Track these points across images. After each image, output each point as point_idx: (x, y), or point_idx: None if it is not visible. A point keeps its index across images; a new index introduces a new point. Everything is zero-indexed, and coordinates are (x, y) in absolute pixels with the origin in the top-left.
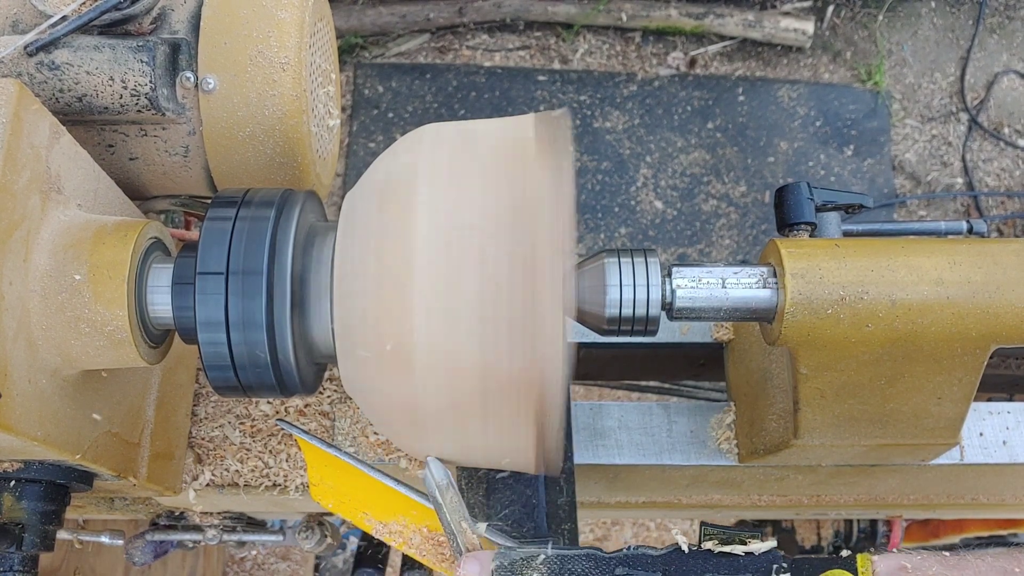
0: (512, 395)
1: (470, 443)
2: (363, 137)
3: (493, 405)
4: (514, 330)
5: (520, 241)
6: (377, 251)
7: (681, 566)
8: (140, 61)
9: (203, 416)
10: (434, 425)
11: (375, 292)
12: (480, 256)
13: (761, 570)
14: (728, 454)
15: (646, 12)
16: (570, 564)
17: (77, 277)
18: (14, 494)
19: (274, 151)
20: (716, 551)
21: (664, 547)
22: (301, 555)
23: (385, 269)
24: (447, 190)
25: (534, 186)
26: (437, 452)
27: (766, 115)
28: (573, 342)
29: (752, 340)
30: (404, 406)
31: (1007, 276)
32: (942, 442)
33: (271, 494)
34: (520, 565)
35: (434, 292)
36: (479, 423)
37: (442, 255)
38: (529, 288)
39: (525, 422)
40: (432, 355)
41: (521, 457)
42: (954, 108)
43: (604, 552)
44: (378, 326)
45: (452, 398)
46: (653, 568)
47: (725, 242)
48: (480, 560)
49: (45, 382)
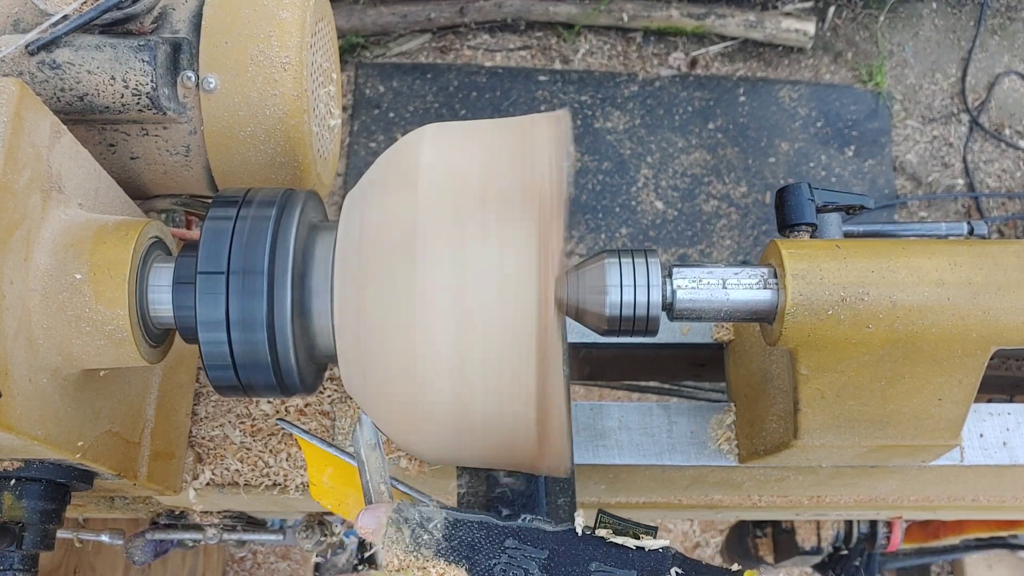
0: (512, 198)
1: (468, 320)
2: (364, 137)
3: (492, 208)
4: (514, 156)
5: (522, 156)
6: (377, 247)
7: (570, 548)
8: (141, 60)
9: (203, 415)
10: (429, 298)
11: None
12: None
13: (648, 568)
14: (728, 455)
15: (647, 12)
16: (463, 529)
17: (78, 276)
18: (14, 493)
19: (275, 151)
20: (608, 540)
21: (559, 526)
22: (301, 555)
23: (385, 252)
24: (449, 158)
25: (537, 139)
26: (429, 347)
27: (767, 116)
28: (570, 339)
29: (752, 341)
30: (404, 223)
31: (1008, 277)
32: (942, 443)
33: (271, 493)
34: (414, 524)
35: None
36: (479, 231)
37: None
38: (528, 147)
39: (527, 227)
40: (434, 171)
41: (524, 275)
42: (955, 109)
43: (499, 520)
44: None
45: (453, 207)
46: (543, 545)
47: (726, 243)
48: (376, 514)
49: (45, 381)
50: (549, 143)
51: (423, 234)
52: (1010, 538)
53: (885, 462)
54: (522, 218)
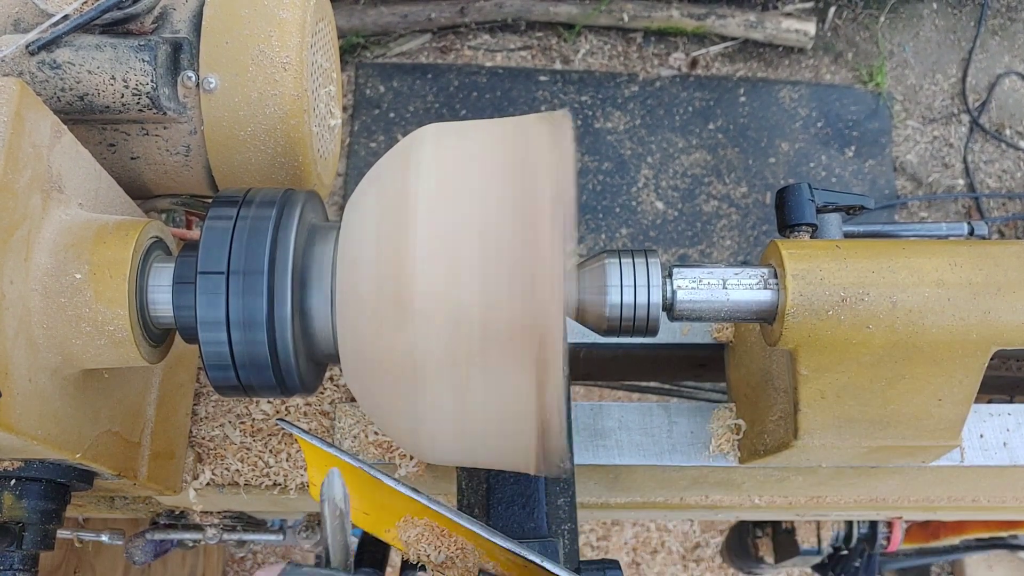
0: (513, 339)
1: (470, 398)
2: (364, 137)
3: (494, 351)
4: (514, 274)
5: (521, 192)
6: (378, 245)
7: None
8: (142, 60)
9: (203, 415)
10: (434, 378)
11: (375, 287)
12: (482, 208)
13: None
14: (728, 455)
15: (647, 13)
16: None
17: (78, 276)
18: (14, 493)
19: (275, 151)
20: None
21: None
22: (301, 555)
23: (385, 257)
24: (449, 167)
25: (536, 146)
26: (436, 416)
27: (767, 116)
28: (570, 339)
29: (753, 341)
30: (403, 358)
31: (1008, 278)
32: (942, 444)
33: (271, 493)
34: None
35: (435, 241)
36: (479, 373)
37: (442, 213)
38: (529, 233)
39: (526, 369)
40: (431, 301)
41: (522, 408)
42: (955, 109)
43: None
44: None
45: (452, 347)
46: None
47: (726, 243)
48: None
49: (46, 381)
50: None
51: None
52: (1010, 538)
53: (885, 462)
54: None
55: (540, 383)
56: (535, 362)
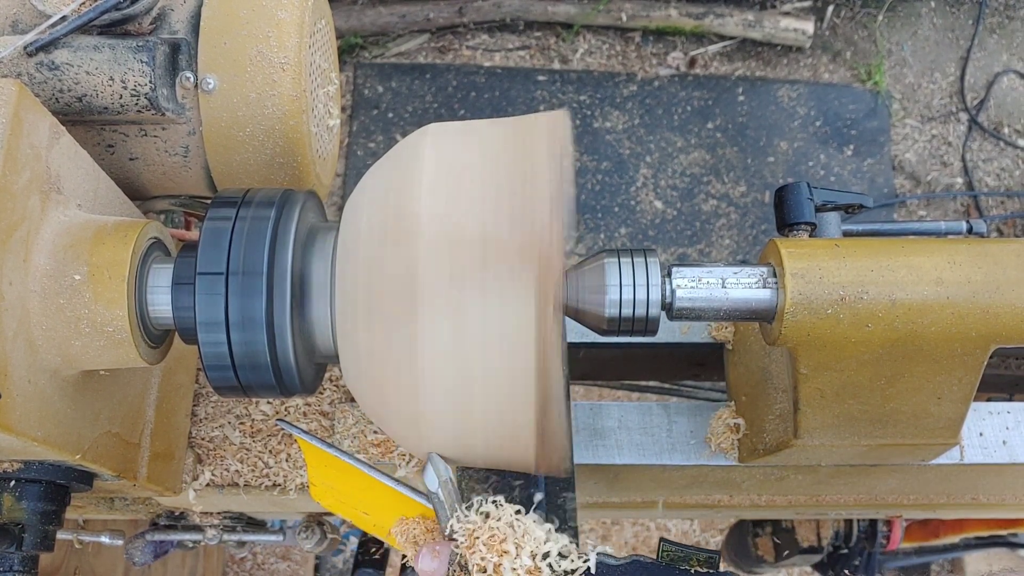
0: (512, 257)
1: (469, 324)
2: (363, 137)
3: (493, 270)
4: (514, 204)
5: (520, 158)
6: (378, 243)
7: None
8: (140, 61)
9: (203, 416)
10: (430, 298)
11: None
12: (482, 170)
13: None
14: (728, 454)
15: (646, 12)
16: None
17: (77, 277)
18: (14, 494)
19: (274, 151)
20: (673, 566)
21: (620, 560)
22: (301, 555)
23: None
24: (449, 165)
25: (534, 133)
26: (431, 349)
27: (766, 115)
28: (570, 339)
29: (752, 340)
30: (404, 276)
31: (1007, 276)
32: (942, 442)
33: (271, 494)
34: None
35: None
36: (478, 294)
37: (443, 207)
38: (528, 169)
39: (526, 287)
40: (433, 223)
41: (521, 339)
42: (954, 108)
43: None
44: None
45: (452, 266)
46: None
47: (725, 242)
48: (440, 556)
49: (45, 382)
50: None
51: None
52: (1010, 536)
53: (885, 461)
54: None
55: (541, 309)
56: (535, 282)
